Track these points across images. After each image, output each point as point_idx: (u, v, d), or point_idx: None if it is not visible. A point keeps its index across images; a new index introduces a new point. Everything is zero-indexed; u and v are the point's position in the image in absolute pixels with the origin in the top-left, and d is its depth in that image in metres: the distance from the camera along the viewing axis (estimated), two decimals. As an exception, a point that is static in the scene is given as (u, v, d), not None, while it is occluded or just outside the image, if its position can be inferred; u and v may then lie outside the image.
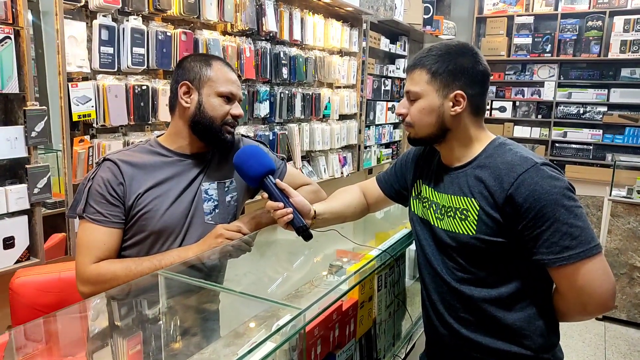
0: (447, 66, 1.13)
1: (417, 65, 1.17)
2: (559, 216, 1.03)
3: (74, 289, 1.56)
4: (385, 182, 1.43)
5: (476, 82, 1.15)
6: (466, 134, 1.18)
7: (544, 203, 1.03)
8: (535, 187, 1.04)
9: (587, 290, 1.04)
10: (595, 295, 1.05)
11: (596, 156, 5.54)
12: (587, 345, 3.26)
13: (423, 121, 1.17)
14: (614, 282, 1.07)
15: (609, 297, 1.05)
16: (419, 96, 1.16)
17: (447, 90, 1.14)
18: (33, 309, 1.52)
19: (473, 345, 1.18)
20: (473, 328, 1.18)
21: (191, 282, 1.17)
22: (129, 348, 1.20)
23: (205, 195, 1.40)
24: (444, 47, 1.16)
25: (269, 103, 3.00)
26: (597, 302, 1.06)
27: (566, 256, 1.03)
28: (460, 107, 1.14)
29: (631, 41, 5.17)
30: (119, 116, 2.07)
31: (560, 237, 1.03)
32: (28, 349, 1.00)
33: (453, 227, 1.15)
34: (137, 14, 2.12)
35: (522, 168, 1.07)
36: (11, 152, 1.71)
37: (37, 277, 1.58)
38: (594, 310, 1.08)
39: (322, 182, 3.56)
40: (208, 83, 1.33)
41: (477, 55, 1.16)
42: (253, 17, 2.75)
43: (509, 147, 1.14)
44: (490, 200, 1.09)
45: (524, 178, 1.06)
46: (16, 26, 1.69)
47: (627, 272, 3.50)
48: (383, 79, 4.59)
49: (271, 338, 0.81)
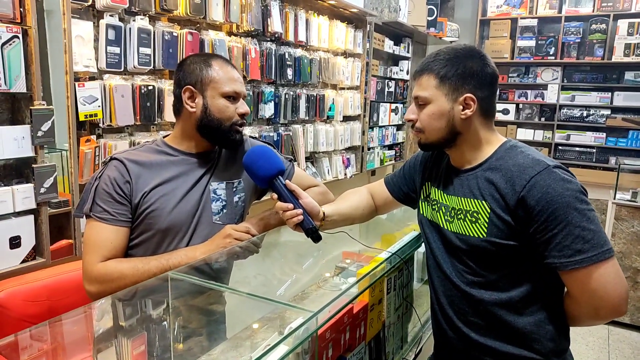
0: (455, 70, 1.13)
1: (425, 71, 1.16)
2: (571, 219, 1.02)
3: (62, 296, 1.54)
4: (393, 185, 1.42)
5: (485, 85, 1.14)
6: (477, 136, 1.17)
7: (556, 206, 1.03)
8: (548, 189, 1.04)
9: (600, 294, 1.04)
10: (608, 299, 1.04)
11: (599, 159, 5.53)
12: (591, 348, 3.25)
13: (433, 126, 1.16)
14: (627, 286, 1.06)
15: (622, 301, 1.04)
16: (428, 101, 1.15)
17: (456, 94, 1.13)
18: (22, 321, 1.45)
19: (482, 349, 1.17)
20: (482, 332, 1.17)
21: (200, 283, 1.16)
22: (136, 349, 1.20)
23: (214, 195, 1.39)
24: (452, 51, 1.16)
25: (274, 104, 3.00)
26: (610, 307, 1.05)
27: (578, 260, 1.02)
28: (471, 110, 1.13)
29: (635, 44, 5.16)
30: (125, 116, 2.07)
31: (572, 240, 1.02)
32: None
33: (463, 229, 1.15)
34: (143, 14, 2.12)
35: (534, 170, 1.06)
36: (18, 151, 1.71)
37: (22, 287, 1.51)
38: (607, 314, 1.08)
39: (325, 184, 3.54)
40: (211, 85, 1.32)
41: (485, 58, 1.16)
42: (259, 17, 2.75)
43: (521, 150, 1.14)
44: (502, 202, 1.09)
45: (536, 180, 1.05)
46: (24, 25, 1.68)
47: (631, 275, 3.49)
48: (387, 81, 4.58)
49: (284, 341, 0.81)
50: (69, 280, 1.59)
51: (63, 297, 1.54)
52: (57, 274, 1.60)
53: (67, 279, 1.59)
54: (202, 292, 1.21)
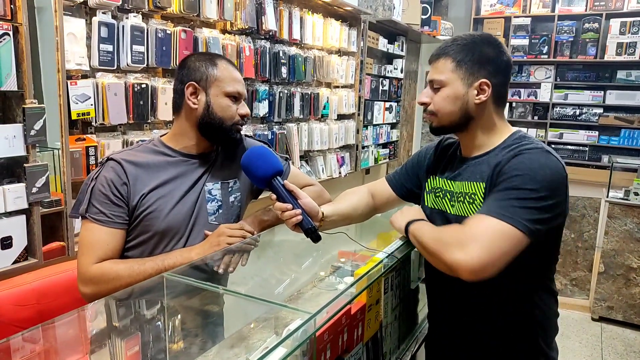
0: (472, 55, 1.15)
1: (442, 55, 1.18)
2: (517, 186, 1.03)
3: (51, 298, 1.51)
4: (396, 182, 1.42)
5: (500, 72, 1.16)
6: (490, 121, 1.19)
7: (517, 173, 1.05)
8: (524, 159, 1.07)
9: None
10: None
11: (592, 157, 5.57)
12: (584, 345, 3.27)
13: (447, 109, 1.17)
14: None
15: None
16: (444, 84, 1.17)
17: (472, 78, 1.15)
18: (11, 325, 1.41)
19: (472, 343, 1.21)
20: (473, 325, 1.21)
21: (195, 284, 1.15)
22: (131, 350, 1.18)
23: (209, 195, 1.38)
24: (469, 37, 1.18)
25: (268, 102, 2.99)
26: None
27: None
28: (485, 96, 1.15)
29: (627, 43, 5.19)
30: (118, 114, 2.04)
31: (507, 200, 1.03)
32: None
33: (463, 211, 1.17)
34: (136, 12, 2.10)
35: (526, 148, 1.10)
36: (9, 150, 1.68)
37: (11, 291, 1.47)
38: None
39: (320, 182, 3.54)
40: (215, 83, 1.32)
41: (501, 46, 1.18)
42: (253, 15, 2.73)
43: (528, 140, 1.16)
44: (493, 179, 1.11)
45: (522, 153, 1.09)
46: (15, 22, 1.66)
47: (623, 273, 3.52)
48: (381, 79, 4.58)
49: (282, 344, 0.80)
50: (59, 282, 1.56)
51: (53, 299, 1.52)
52: (46, 275, 1.57)
53: (56, 280, 1.57)
54: (198, 293, 1.19)
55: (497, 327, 1.19)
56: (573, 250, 3.96)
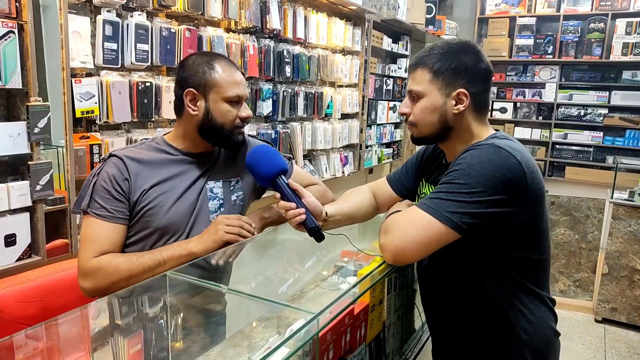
0: (449, 64, 1.13)
1: (419, 65, 1.16)
2: (450, 180, 1.05)
3: (55, 295, 1.51)
4: (396, 182, 1.42)
5: (478, 80, 1.14)
6: (468, 131, 1.17)
7: (455, 168, 1.06)
8: (467, 155, 1.07)
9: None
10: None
11: (596, 158, 5.54)
12: (587, 347, 3.26)
13: (426, 120, 1.16)
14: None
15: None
16: (422, 95, 1.16)
17: (449, 88, 1.13)
18: (16, 322, 1.41)
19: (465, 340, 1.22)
20: (450, 328, 1.23)
21: (198, 283, 1.15)
22: (134, 348, 1.19)
23: (211, 193, 1.38)
24: (446, 46, 1.16)
25: (272, 101, 2.98)
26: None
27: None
28: (463, 106, 1.14)
29: (633, 44, 5.16)
30: (122, 113, 2.05)
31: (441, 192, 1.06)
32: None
33: None
34: (141, 10, 2.10)
35: (478, 145, 1.10)
36: (13, 148, 1.68)
37: (15, 288, 1.48)
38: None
39: (323, 181, 3.53)
40: (214, 89, 1.30)
41: (479, 53, 1.15)
42: (257, 14, 2.73)
43: (493, 138, 1.13)
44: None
45: (470, 149, 1.09)
46: (20, 20, 1.66)
47: (627, 274, 3.50)
48: (385, 79, 4.57)
49: (285, 344, 0.80)
50: (62, 280, 1.57)
51: (56, 297, 1.52)
52: (50, 273, 1.58)
53: (60, 278, 1.57)
54: (200, 291, 1.19)
55: (475, 332, 1.18)
56: (577, 251, 3.95)
